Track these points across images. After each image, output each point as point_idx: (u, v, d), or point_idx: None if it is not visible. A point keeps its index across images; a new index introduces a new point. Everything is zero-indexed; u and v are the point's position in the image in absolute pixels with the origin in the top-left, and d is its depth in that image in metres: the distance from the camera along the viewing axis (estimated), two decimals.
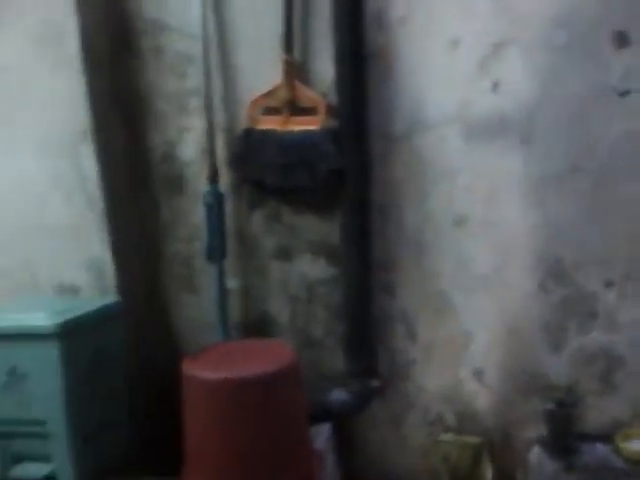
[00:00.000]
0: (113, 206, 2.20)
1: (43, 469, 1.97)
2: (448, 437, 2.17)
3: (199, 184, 2.23)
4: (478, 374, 2.14)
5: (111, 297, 2.18)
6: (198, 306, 2.31)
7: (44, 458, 1.98)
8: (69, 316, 1.95)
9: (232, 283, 2.27)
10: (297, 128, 2.09)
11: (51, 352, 1.90)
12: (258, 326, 2.29)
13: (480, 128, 2.02)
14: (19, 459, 2.01)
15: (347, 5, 1.97)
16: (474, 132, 2.03)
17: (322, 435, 2.09)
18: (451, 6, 1.98)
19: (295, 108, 2.10)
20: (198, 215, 2.22)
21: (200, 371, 1.76)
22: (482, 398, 2.15)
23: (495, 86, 1.99)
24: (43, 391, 1.93)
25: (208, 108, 2.15)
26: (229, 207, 2.22)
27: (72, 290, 2.24)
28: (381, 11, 2.03)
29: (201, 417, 1.77)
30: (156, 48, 2.22)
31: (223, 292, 2.20)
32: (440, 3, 1.99)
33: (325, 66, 2.09)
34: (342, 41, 2.00)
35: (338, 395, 2.13)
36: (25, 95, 2.17)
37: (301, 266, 2.23)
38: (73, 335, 1.94)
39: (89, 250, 2.20)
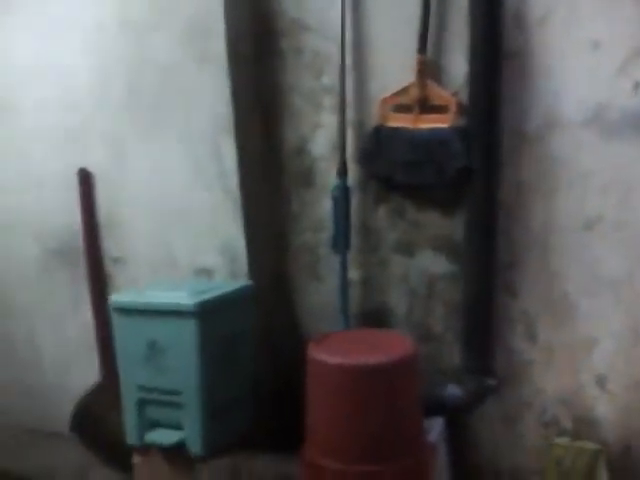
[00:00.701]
0: (248, 195, 2.33)
1: (175, 436, 2.12)
2: (563, 441, 2.15)
3: (328, 178, 2.32)
4: (601, 380, 2.11)
5: (243, 281, 2.31)
6: (321, 294, 2.41)
7: (176, 426, 2.13)
8: (207, 297, 2.09)
9: (354, 274, 2.35)
10: (427, 126, 2.13)
11: (190, 329, 2.04)
12: (376, 317, 2.36)
13: (617, 129, 1.99)
14: (154, 425, 2.17)
15: (484, 5, 1.99)
16: (610, 133, 2.00)
17: (435, 428, 2.13)
18: (593, 8, 1.96)
19: (426, 106, 2.14)
20: (325, 207, 2.32)
21: (327, 356, 1.84)
22: (603, 405, 2.12)
23: (636, 87, 1.95)
24: (180, 364, 2.07)
25: (341, 106, 2.23)
26: (355, 201, 2.30)
27: (206, 272, 2.41)
28: (520, 11, 2.03)
29: (324, 399, 1.86)
30: (296, 48, 2.33)
31: (345, 282, 2.29)
32: (581, 4, 1.97)
33: (458, 64, 2.12)
34: (478, 40, 2.02)
35: (453, 390, 2.16)
36: (173, 89, 2.35)
37: (422, 261, 2.28)
38: (210, 314, 2.07)
39: (224, 236, 2.35)
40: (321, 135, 2.34)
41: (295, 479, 1.96)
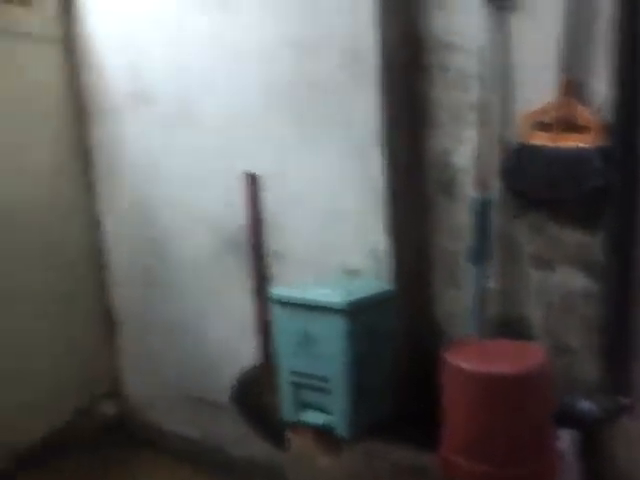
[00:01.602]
0: (394, 203, 2.48)
1: (323, 418, 2.36)
2: None
3: (469, 190, 2.43)
4: None
5: (386, 283, 2.50)
6: (459, 301, 2.53)
7: (324, 409, 2.36)
8: (356, 297, 2.30)
9: (492, 284, 2.45)
10: (567, 144, 2.18)
11: (339, 324, 2.26)
12: (513, 327, 2.44)
13: None
14: (305, 406, 2.42)
15: (627, 31, 2.03)
16: None
17: (566, 438, 2.19)
18: None
19: (567, 125, 2.19)
20: (465, 218, 2.44)
21: (463, 363, 1.99)
22: None
23: None
24: (329, 354, 2.30)
25: (484, 122, 2.34)
26: (496, 214, 2.40)
27: (353, 273, 2.60)
28: None
29: (459, 403, 2.01)
30: (442, 65, 2.44)
31: (481, 292, 2.39)
32: None
33: (601, 86, 2.15)
34: (622, 66, 2.05)
35: (585, 405, 2.22)
36: (330, 104, 2.54)
37: (560, 276, 2.33)
38: (357, 313, 2.28)
39: (371, 240, 2.52)
40: (464, 149, 2.45)
41: (429, 471, 2.13)
